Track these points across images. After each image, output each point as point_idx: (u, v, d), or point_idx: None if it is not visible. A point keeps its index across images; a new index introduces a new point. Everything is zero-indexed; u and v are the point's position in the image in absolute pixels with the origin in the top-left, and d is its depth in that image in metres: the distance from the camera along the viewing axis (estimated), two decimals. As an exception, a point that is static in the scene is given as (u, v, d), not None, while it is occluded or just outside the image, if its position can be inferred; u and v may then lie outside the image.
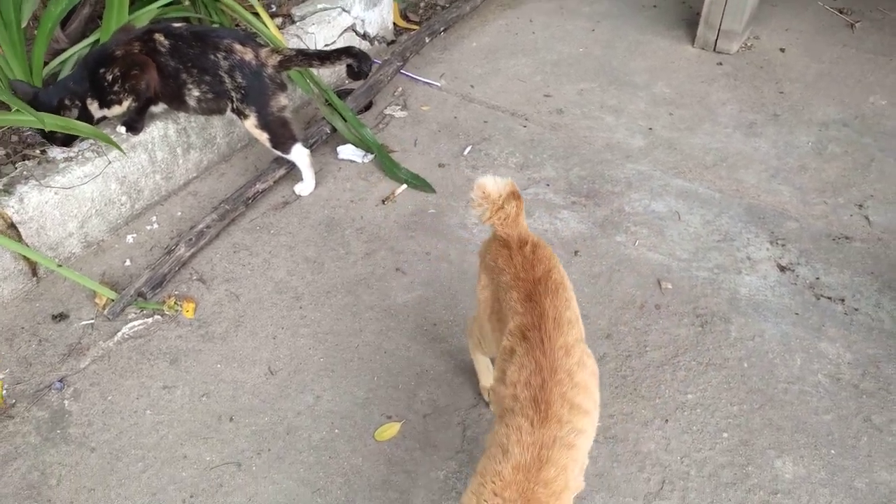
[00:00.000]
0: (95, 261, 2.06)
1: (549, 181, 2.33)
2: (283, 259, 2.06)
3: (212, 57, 2.00)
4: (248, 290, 1.97)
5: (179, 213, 2.23)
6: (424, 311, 1.90)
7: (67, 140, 1.99)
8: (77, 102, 2.00)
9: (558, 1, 3.46)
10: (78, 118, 1.98)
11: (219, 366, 1.77)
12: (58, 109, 1.95)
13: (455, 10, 3.16)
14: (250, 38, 2.09)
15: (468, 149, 2.47)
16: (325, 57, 2.10)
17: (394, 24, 3.14)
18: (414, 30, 3.21)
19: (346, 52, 2.10)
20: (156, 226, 2.18)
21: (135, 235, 2.14)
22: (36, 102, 1.94)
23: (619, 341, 1.82)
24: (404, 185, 2.32)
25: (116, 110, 2.06)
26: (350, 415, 1.66)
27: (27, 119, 1.79)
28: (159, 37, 2.00)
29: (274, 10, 2.88)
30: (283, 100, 2.12)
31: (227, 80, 2.03)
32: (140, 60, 1.97)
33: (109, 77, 1.98)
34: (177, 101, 2.08)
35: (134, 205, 2.18)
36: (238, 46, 2.03)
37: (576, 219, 2.18)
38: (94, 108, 2.05)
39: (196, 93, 2.05)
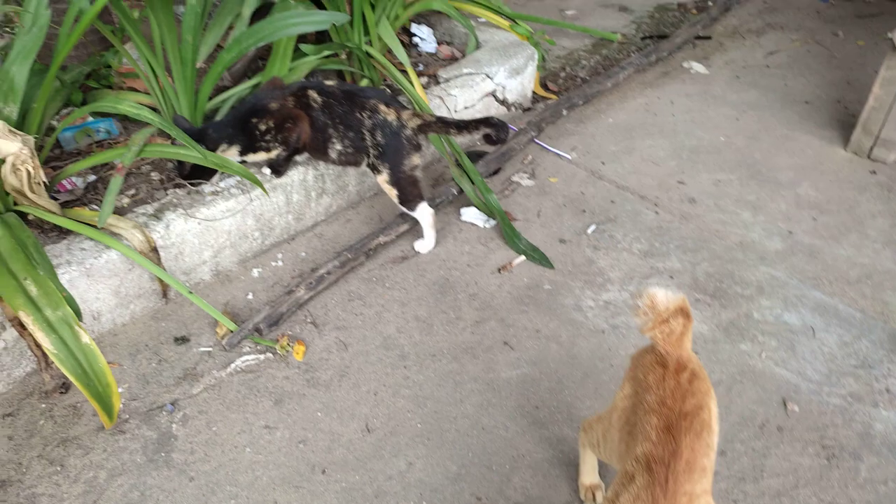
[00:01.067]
0: (221, 290, 2.16)
1: (673, 273, 2.23)
2: (395, 314, 2.08)
3: (358, 115, 2.10)
4: (357, 341, 2.00)
5: (303, 254, 2.31)
6: (528, 391, 1.85)
7: (200, 174, 2.12)
8: (224, 146, 2.14)
9: (703, 85, 3.38)
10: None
11: (319, 414, 1.80)
12: (210, 148, 2.10)
13: (596, 85, 3.16)
14: (394, 100, 2.17)
15: (592, 227, 2.42)
16: (463, 126, 2.14)
17: (532, 92, 3.17)
18: (551, 99, 3.22)
19: (485, 122, 2.13)
20: (280, 263, 2.27)
21: (260, 270, 2.24)
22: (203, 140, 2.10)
23: (734, 460, 1.69)
24: (522, 257, 2.30)
25: (260, 157, 2.19)
26: (440, 489, 1.62)
27: (187, 154, 1.93)
28: (313, 93, 2.12)
29: (421, 69, 2.99)
30: (416, 160, 2.17)
31: (368, 137, 2.12)
32: (295, 114, 2.09)
33: (262, 127, 2.11)
34: (320, 153, 2.19)
35: (264, 240, 2.29)
36: (383, 107, 2.11)
37: (698, 318, 2.07)
38: (231, 152, 2.18)
39: (339, 147, 2.14)
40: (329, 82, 2.20)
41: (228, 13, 2.37)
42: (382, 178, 2.18)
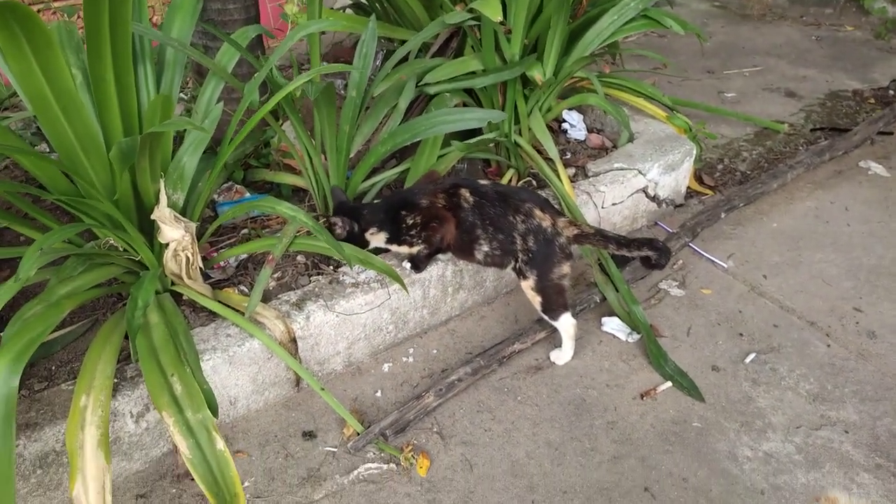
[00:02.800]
0: (351, 382, 2.13)
1: (848, 427, 1.95)
2: (525, 435, 1.95)
3: (510, 218, 2.02)
4: (484, 462, 1.88)
5: (435, 352, 2.25)
6: (670, 556, 1.65)
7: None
8: (374, 229, 2.12)
9: (883, 190, 3.03)
10: (353, 236, 2.11)
11: (439, 545, 1.69)
12: (362, 227, 2.11)
13: (760, 186, 2.91)
14: (549, 205, 2.08)
15: (751, 356, 2.19)
16: (623, 244, 2.01)
17: (687, 187, 2.98)
18: (707, 195, 3.02)
19: (649, 243, 1.99)
20: (411, 359, 2.22)
21: (390, 365, 2.19)
22: (341, 210, 2.11)
23: None
24: (668, 383, 2.11)
25: (404, 249, 2.15)
26: None
27: (327, 248, 1.93)
28: (465, 192, 2.06)
29: (569, 157, 2.89)
30: (566, 269, 2.06)
31: (518, 241, 2.03)
32: (441, 215, 2.04)
33: (409, 221, 2.08)
34: (465, 254, 2.13)
35: (397, 334, 2.25)
36: (538, 212, 2.02)
37: (880, 490, 1.78)
38: (377, 238, 2.15)
39: (486, 248, 2.07)
40: (483, 181, 2.15)
41: (385, 105, 2.40)
42: (527, 285, 2.08)
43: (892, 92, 3.87)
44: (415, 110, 2.59)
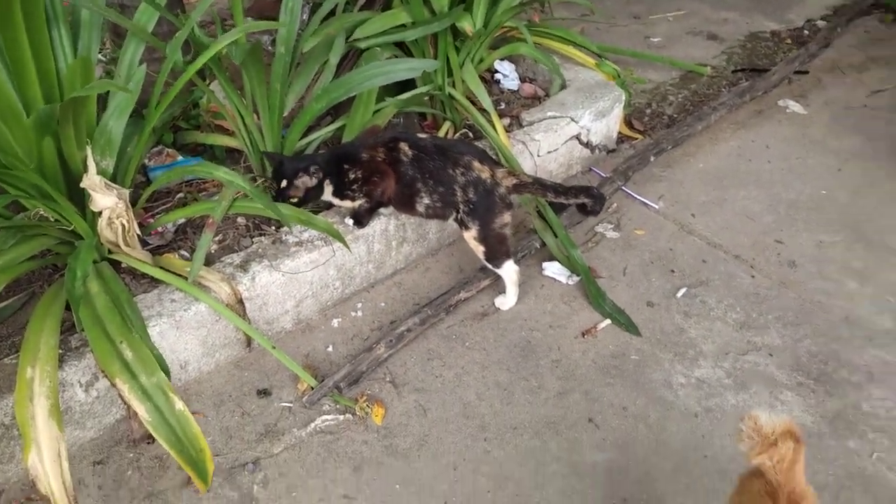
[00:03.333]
0: (302, 339, 2.17)
1: (772, 350, 2.12)
2: (475, 378, 2.05)
3: (450, 171, 2.06)
4: (437, 406, 1.97)
5: (383, 304, 2.30)
6: (614, 480, 1.78)
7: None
8: (319, 175, 2.08)
9: (801, 127, 3.22)
10: (312, 189, 2.09)
11: (398, 486, 1.78)
12: (297, 173, 2.05)
13: (686, 129, 3.04)
14: (488, 157, 2.13)
15: (682, 291, 2.33)
16: (560, 192, 2.09)
17: (618, 131, 3.08)
18: (637, 139, 3.13)
19: (585, 190, 2.07)
20: (360, 313, 2.27)
21: (339, 320, 2.24)
22: (281, 168, 2.07)
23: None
24: (608, 321, 2.23)
25: (346, 204, 2.18)
26: (521, 583, 1.58)
27: (265, 209, 1.93)
28: (404, 146, 2.09)
29: (503, 108, 2.94)
30: (506, 218, 2.13)
31: (459, 193, 2.08)
32: (381, 169, 2.07)
33: (351, 176, 2.09)
34: (406, 207, 2.16)
35: (345, 290, 2.29)
36: (477, 164, 2.07)
37: (800, 405, 1.96)
38: (328, 191, 2.16)
39: (426, 201, 2.11)
40: (422, 135, 2.17)
41: (315, 61, 2.37)
42: (470, 235, 2.14)
43: (806, 32, 4.06)
44: (346, 66, 2.57)
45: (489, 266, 2.21)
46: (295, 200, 2.09)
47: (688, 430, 1.89)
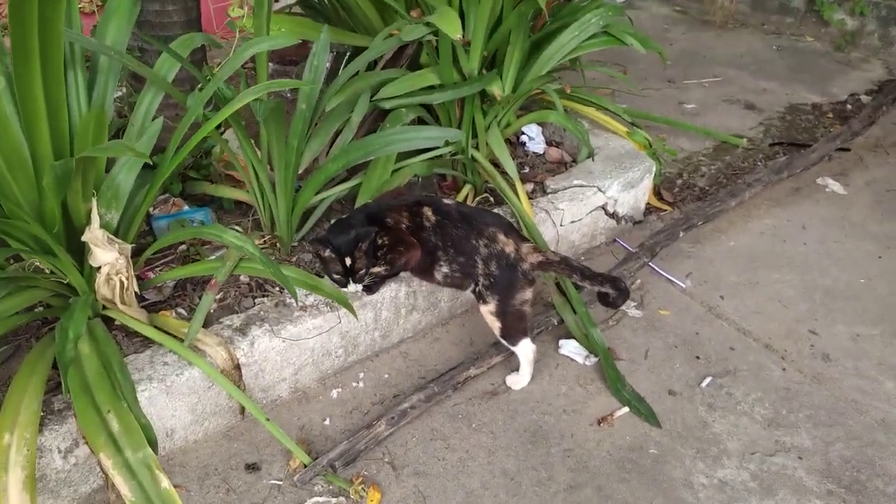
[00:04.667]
0: (298, 410, 2.14)
1: (802, 453, 2.06)
2: (480, 464, 2.00)
3: (473, 242, 2.06)
4: (437, 494, 1.92)
5: (386, 376, 2.28)
6: (625, 590, 1.71)
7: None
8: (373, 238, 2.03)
9: (840, 208, 3.20)
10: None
11: (389, 583, 1.72)
12: (356, 244, 1.99)
13: (718, 205, 3.03)
14: (514, 229, 2.13)
15: (707, 380, 2.28)
16: (587, 276, 2.08)
17: (646, 202, 3.08)
18: (665, 210, 3.12)
19: (612, 282, 2.08)
20: (361, 384, 2.24)
21: (339, 390, 2.21)
22: (339, 245, 1.99)
23: None
24: (626, 408, 2.18)
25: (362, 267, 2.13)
26: None
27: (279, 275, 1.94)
28: (427, 211, 2.09)
29: (527, 171, 2.96)
30: (528, 294, 2.11)
31: (480, 265, 2.07)
32: (408, 241, 2.06)
33: (377, 241, 2.07)
34: (424, 274, 2.16)
35: (347, 358, 2.27)
36: (501, 237, 2.07)
37: (831, 518, 1.89)
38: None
39: (446, 270, 2.11)
40: (447, 200, 2.18)
41: (336, 118, 2.41)
42: (487, 309, 2.13)
43: (849, 106, 4.07)
44: (367, 122, 2.61)
45: (504, 343, 2.19)
46: (370, 279, 2.06)
47: (708, 539, 1.83)
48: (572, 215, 2.72)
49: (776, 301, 2.64)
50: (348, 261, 2.00)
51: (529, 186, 2.82)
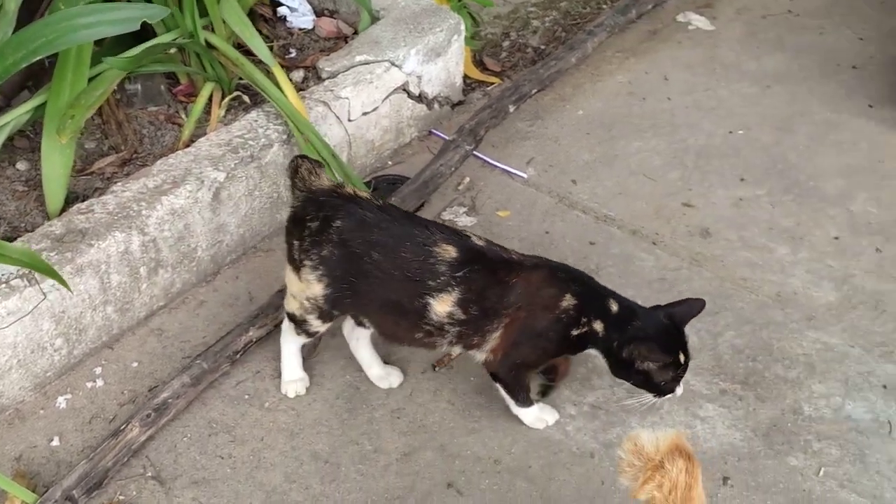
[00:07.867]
0: (10, 436, 2.10)
1: (685, 353, 2.29)
2: (281, 452, 2.06)
3: None
4: (228, 503, 1.96)
5: (135, 364, 2.27)
6: (488, 562, 1.86)
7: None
8: None
9: (708, 48, 3.49)
10: None
11: None
12: None
13: (554, 64, 3.21)
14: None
15: (565, 287, 2.46)
16: None
17: (464, 76, 3.19)
18: (492, 83, 3.26)
19: None
20: (100, 382, 2.22)
21: (68, 397, 2.19)
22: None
23: None
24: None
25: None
26: None
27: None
28: None
29: (294, 55, 2.97)
30: None
31: None
32: None
33: None
34: None
35: (72, 350, 2.24)
36: None
37: (726, 420, 2.13)
38: None
39: None
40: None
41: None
42: None
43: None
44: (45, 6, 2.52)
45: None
46: None
47: (582, 476, 2.00)
48: (362, 105, 2.78)
49: (640, 175, 2.87)
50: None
51: (299, 74, 2.84)
